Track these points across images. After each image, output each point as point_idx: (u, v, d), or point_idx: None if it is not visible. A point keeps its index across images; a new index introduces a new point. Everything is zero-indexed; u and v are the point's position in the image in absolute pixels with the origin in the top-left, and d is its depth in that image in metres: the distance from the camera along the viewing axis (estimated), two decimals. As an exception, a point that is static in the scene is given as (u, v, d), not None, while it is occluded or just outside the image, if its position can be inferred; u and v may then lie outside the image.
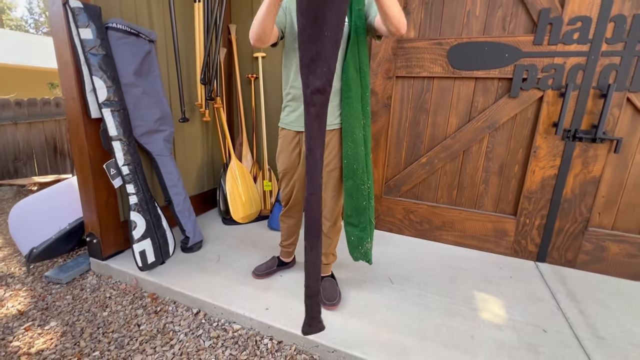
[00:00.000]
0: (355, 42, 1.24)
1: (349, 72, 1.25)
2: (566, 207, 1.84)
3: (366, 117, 1.31)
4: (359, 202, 1.35)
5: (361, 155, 1.30)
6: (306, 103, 1.00)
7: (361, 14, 1.24)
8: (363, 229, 1.39)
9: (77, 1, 1.46)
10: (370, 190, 1.36)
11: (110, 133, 1.59)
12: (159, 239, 1.76)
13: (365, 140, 1.32)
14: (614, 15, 1.59)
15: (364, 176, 1.32)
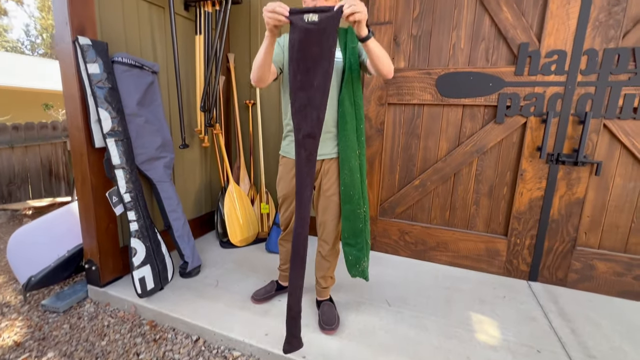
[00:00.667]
0: (349, 78, 1.34)
1: (345, 106, 1.33)
2: (554, 227, 1.92)
3: (361, 147, 1.40)
4: (355, 224, 1.42)
5: (357, 182, 1.38)
6: (298, 145, 1.09)
7: (355, 52, 1.33)
8: (360, 249, 1.45)
9: (86, 38, 1.54)
10: (366, 214, 1.43)
11: (114, 162, 1.64)
12: (158, 265, 1.78)
13: (361, 168, 1.40)
14: (586, 49, 1.73)
15: (360, 201, 1.39)
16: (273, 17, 1.02)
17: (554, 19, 1.76)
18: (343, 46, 1.36)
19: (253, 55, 2.52)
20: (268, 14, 1.03)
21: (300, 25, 1.02)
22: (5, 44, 18.18)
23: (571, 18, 1.73)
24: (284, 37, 1.44)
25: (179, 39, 2.12)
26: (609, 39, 1.69)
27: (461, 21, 1.95)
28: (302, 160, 1.12)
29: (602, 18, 1.68)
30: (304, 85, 1.06)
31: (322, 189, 1.45)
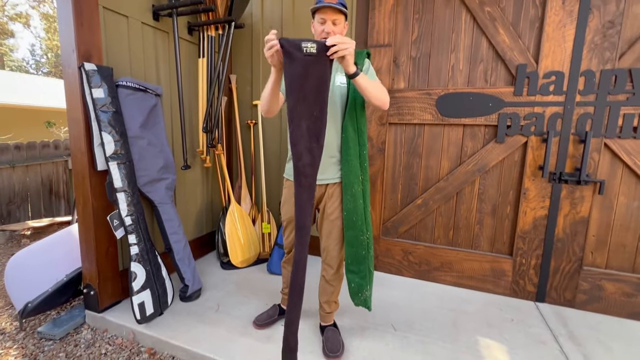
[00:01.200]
0: (353, 104, 1.35)
1: (348, 132, 1.34)
2: (560, 246, 1.90)
3: (364, 173, 1.39)
4: (358, 251, 1.40)
5: (360, 208, 1.37)
6: (297, 172, 1.09)
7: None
8: (363, 277, 1.42)
9: (92, 64, 1.57)
10: (369, 240, 1.41)
11: (116, 185, 1.63)
12: (158, 289, 1.74)
13: (364, 193, 1.39)
14: (583, 70, 1.76)
15: (363, 227, 1.38)
16: (267, 47, 1.06)
17: (550, 41, 1.80)
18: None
19: (255, 76, 2.56)
20: (266, 49, 1.07)
21: (299, 56, 1.04)
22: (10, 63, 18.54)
23: (567, 40, 1.77)
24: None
25: (182, 62, 2.16)
26: (605, 60, 1.72)
27: (459, 44, 1.99)
28: (302, 187, 1.13)
29: (598, 40, 1.72)
30: (303, 115, 1.08)
31: (326, 213, 1.44)
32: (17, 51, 19.42)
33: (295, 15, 2.38)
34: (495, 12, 1.88)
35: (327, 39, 1.04)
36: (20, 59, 20.46)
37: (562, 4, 1.75)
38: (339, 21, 1.30)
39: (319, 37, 1.34)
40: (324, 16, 1.28)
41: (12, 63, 18.84)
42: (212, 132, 2.28)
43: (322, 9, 1.27)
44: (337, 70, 1.39)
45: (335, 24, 1.30)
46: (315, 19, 1.33)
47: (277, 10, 2.42)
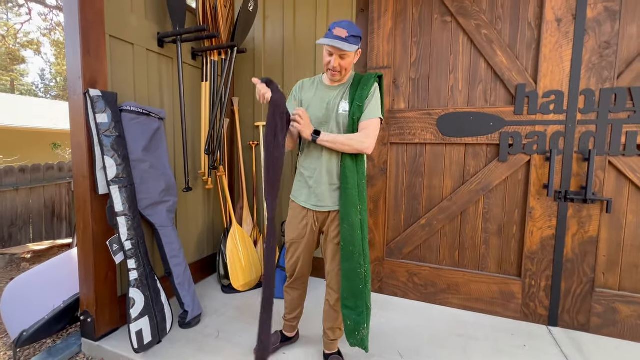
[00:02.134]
0: (352, 133, 1.34)
1: (346, 160, 1.33)
2: (569, 267, 1.84)
3: (362, 203, 1.35)
4: (355, 284, 1.34)
5: (358, 239, 1.32)
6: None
7: (361, 110, 1.35)
8: (360, 313, 1.35)
9: (97, 90, 1.60)
10: (367, 273, 1.35)
11: (117, 209, 1.62)
12: (156, 316, 1.69)
13: (362, 224, 1.34)
14: (582, 89, 1.77)
15: (360, 259, 1.32)
16: (258, 93, 1.27)
17: (547, 62, 1.82)
18: (351, 100, 1.36)
19: (256, 99, 2.60)
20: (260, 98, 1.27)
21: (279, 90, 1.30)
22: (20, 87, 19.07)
23: (565, 61, 1.79)
24: (299, 86, 1.50)
25: (186, 86, 2.20)
26: (604, 79, 1.73)
27: (458, 65, 2.02)
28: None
29: (595, 60, 1.74)
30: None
31: (330, 237, 1.42)
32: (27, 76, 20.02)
33: (296, 40, 2.44)
34: (491, 34, 1.91)
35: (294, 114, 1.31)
36: (30, 83, 21.07)
37: (558, 25, 1.79)
38: (347, 56, 1.29)
39: (325, 67, 1.36)
40: (330, 50, 1.29)
41: (22, 87, 19.39)
42: (215, 153, 2.29)
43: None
44: (342, 98, 1.38)
45: (343, 58, 1.30)
46: (324, 47, 1.33)
47: (279, 35, 2.49)
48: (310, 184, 1.42)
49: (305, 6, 2.39)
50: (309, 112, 1.42)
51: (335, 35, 1.25)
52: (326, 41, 1.25)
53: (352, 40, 1.26)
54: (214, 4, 2.18)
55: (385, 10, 2.13)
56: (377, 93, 1.39)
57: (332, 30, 1.26)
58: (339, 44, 1.24)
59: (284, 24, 2.47)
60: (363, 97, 1.34)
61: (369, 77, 1.39)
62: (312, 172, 1.42)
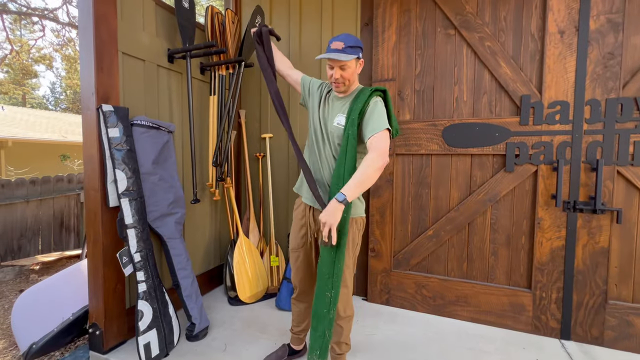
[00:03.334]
0: (345, 150, 1.30)
1: (334, 178, 1.31)
2: (580, 279, 1.81)
3: (343, 224, 1.26)
4: (319, 306, 1.30)
5: (329, 260, 1.27)
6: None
7: (354, 124, 1.30)
8: (318, 337, 1.30)
9: (109, 105, 1.64)
10: (332, 299, 1.27)
11: (126, 221, 1.64)
12: (164, 328, 1.69)
13: (338, 248, 1.27)
14: (588, 99, 1.78)
15: (329, 283, 1.27)
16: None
17: (551, 73, 1.83)
18: (348, 114, 1.35)
19: (263, 111, 2.65)
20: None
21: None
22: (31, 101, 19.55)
23: (569, 71, 1.80)
24: (310, 81, 1.58)
25: (194, 99, 2.25)
26: (609, 89, 1.74)
27: (462, 77, 2.04)
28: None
29: (600, 71, 1.75)
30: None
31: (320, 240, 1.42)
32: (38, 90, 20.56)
33: (301, 55, 2.49)
34: (495, 46, 1.94)
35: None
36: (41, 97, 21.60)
37: (561, 37, 1.81)
38: (347, 66, 1.32)
39: (329, 79, 1.39)
40: (331, 63, 1.33)
41: (33, 100, 19.88)
42: (222, 165, 2.32)
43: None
44: (340, 111, 1.39)
45: (344, 69, 1.32)
46: (326, 62, 1.38)
47: (284, 49, 2.54)
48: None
49: (311, 22, 2.44)
50: (311, 117, 1.49)
51: (332, 49, 1.31)
52: (323, 55, 1.32)
53: (349, 51, 1.29)
54: (222, 21, 2.25)
55: (389, 24, 2.17)
56: (378, 107, 1.34)
57: (330, 45, 1.33)
58: (335, 55, 1.28)
59: (289, 39, 2.52)
60: (357, 111, 1.31)
61: (365, 91, 1.37)
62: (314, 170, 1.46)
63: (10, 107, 12.00)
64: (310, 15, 2.45)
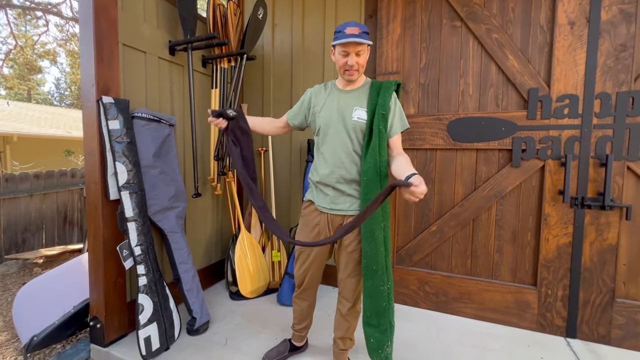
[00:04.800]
0: (377, 145, 1.27)
1: (369, 175, 1.27)
2: (588, 276, 1.78)
3: (386, 219, 1.31)
4: (378, 303, 1.30)
5: (381, 257, 1.28)
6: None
7: (385, 119, 1.29)
8: (383, 331, 1.31)
9: (109, 97, 1.62)
10: (390, 291, 1.32)
11: (127, 214, 1.63)
12: (165, 322, 1.68)
13: (385, 240, 1.30)
14: (598, 92, 1.73)
15: (384, 277, 1.29)
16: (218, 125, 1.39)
17: (560, 65, 1.79)
18: (371, 108, 1.31)
19: (265, 105, 2.62)
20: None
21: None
22: (36, 96, 19.65)
23: (579, 64, 1.75)
24: (314, 92, 1.48)
25: (196, 93, 2.23)
26: (620, 82, 1.69)
27: (468, 69, 2.00)
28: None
29: (611, 63, 1.70)
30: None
31: (344, 244, 1.39)
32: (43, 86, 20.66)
33: (304, 47, 2.45)
34: (502, 38, 1.89)
35: (414, 184, 1.02)
36: (46, 92, 21.70)
37: (571, 28, 1.76)
38: (362, 51, 1.28)
39: (341, 69, 1.33)
40: (346, 49, 1.27)
41: (38, 96, 19.99)
42: (224, 159, 2.30)
43: (344, 43, 1.25)
44: (358, 104, 1.34)
45: (359, 55, 1.28)
46: (337, 50, 1.30)
47: (287, 42, 2.51)
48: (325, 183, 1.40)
49: (314, 14, 2.40)
50: (320, 116, 1.40)
51: (349, 34, 1.25)
52: (345, 40, 1.24)
53: (365, 36, 1.27)
54: (224, 12, 2.22)
55: (394, 16, 2.13)
56: (399, 104, 1.37)
57: (344, 31, 1.26)
58: (358, 39, 1.24)
59: (292, 32, 2.49)
60: (386, 106, 1.30)
61: (389, 84, 1.35)
62: (328, 173, 1.38)
63: (15, 103, 12.07)
64: (313, 7, 2.41)
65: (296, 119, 1.51)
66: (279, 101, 2.57)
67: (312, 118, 1.45)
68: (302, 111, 1.49)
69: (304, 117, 1.49)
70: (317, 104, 1.43)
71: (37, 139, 9.80)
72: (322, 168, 1.38)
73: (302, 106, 1.50)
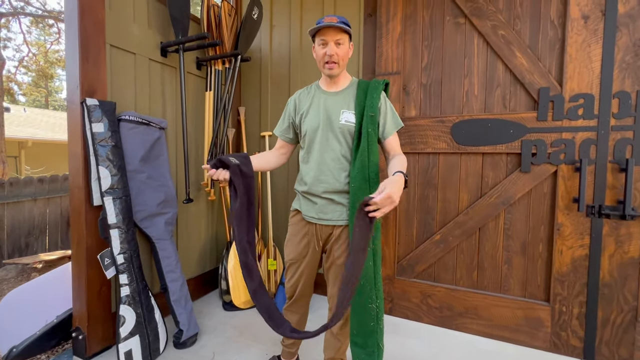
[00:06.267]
0: (365, 149, 1.20)
1: (357, 181, 1.19)
2: (607, 292, 1.62)
3: (376, 230, 1.21)
4: (365, 322, 1.20)
5: (369, 271, 1.18)
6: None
7: (374, 121, 1.21)
8: (370, 353, 1.20)
9: (94, 99, 1.57)
10: (379, 310, 1.21)
11: (110, 221, 1.56)
12: (148, 335, 1.60)
13: (375, 254, 1.20)
14: (616, 91, 1.58)
15: (372, 294, 1.19)
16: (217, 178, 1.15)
17: (574, 63, 1.65)
18: (359, 110, 1.23)
19: (263, 108, 2.54)
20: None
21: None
22: (54, 103, 20.21)
23: (594, 61, 1.62)
24: (296, 100, 1.39)
25: (190, 96, 2.17)
26: (641, 80, 1.54)
27: (472, 69, 1.88)
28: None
29: (630, 60, 1.56)
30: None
31: (333, 256, 1.28)
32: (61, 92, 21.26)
33: (302, 48, 2.38)
34: (509, 35, 1.77)
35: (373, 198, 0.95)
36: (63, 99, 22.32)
37: (585, 23, 1.63)
38: (342, 41, 1.20)
39: (321, 61, 1.24)
40: (324, 37, 1.19)
41: (55, 102, 20.57)
42: (217, 164, 2.23)
43: (323, 30, 1.18)
44: (345, 107, 1.26)
45: (339, 44, 1.20)
46: (316, 42, 1.23)
47: (285, 43, 2.43)
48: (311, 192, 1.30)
49: (312, 13, 2.33)
50: (306, 121, 1.30)
51: (326, 22, 1.17)
52: (322, 24, 1.16)
53: (343, 25, 1.18)
54: (218, 13, 2.16)
55: (394, 14, 2.03)
56: (389, 103, 1.29)
57: (322, 21, 1.18)
58: (334, 24, 1.15)
59: (290, 32, 2.41)
60: (375, 107, 1.22)
61: (376, 83, 1.27)
62: (314, 181, 1.29)
63: (32, 109, 12.41)
64: (311, 6, 2.33)
65: (288, 132, 1.41)
66: (276, 103, 2.49)
67: (299, 125, 1.36)
68: (289, 122, 1.40)
69: (294, 128, 1.40)
70: (302, 109, 1.34)
71: (51, 144, 10.03)
72: (309, 177, 1.28)
73: (288, 117, 1.40)
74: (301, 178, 1.34)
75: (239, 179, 1.14)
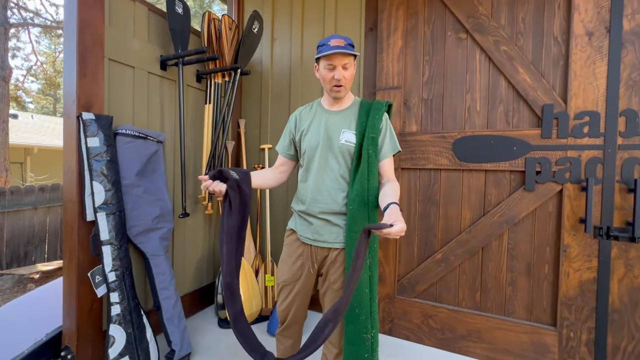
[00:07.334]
0: (365, 171, 1.17)
1: (355, 204, 1.15)
2: (617, 318, 1.54)
3: (373, 256, 1.17)
4: (359, 353, 1.14)
5: (365, 299, 1.14)
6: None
7: (375, 143, 1.19)
8: None
9: (90, 114, 1.55)
10: (374, 340, 1.15)
11: (102, 237, 1.53)
12: (139, 356, 1.55)
13: (371, 281, 1.15)
14: (622, 109, 1.54)
15: (367, 323, 1.14)
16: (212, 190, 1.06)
17: (578, 80, 1.62)
18: (360, 131, 1.21)
19: (263, 121, 2.53)
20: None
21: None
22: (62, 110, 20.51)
23: (599, 78, 1.58)
24: (297, 117, 1.37)
25: (189, 109, 2.16)
26: (649, 98, 1.50)
27: (474, 84, 1.85)
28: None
29: (636, 77, 1.52)
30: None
31: (329, 280, 1.23)
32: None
33: (303, 62, 2.37)
34: (512, 50, 1.74)
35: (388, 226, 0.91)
36: (69, 106, 22.65)
37: (589, 39, 1.59)
38: (349, 65, 1.18)
39: (328, 85, 1.21)
40: (332, 62, 1.16)
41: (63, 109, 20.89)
42: (215, 177, 2.20)
43: (329, 55, 1.15)
44: (346, 127, 1.23)
45: (346, 68, 1.18)
46: (321, 65, 1.20)
47: (286, 56, 2.43)
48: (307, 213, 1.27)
49: (313, 26, 2.33)
50: (306, 139, 1.28)
51: (334, 46, 1.14)
52: (330, 51, 1.13)
53: (350, 48, 1.16)
54: (218, 27, 2.16)
55: (395, 28, 2.02)
56: (390, 125, 1.27)
57: (328, 44, 1.15)
58: (343, 50, 1.13)
59: (291, 45, 2.41)
60: (376, 128, 1.20)
61: (379, 105, 1.26)
62: (310, 201, 1.26)
63: (39, 116, 12.59)
64: (312, 20, 2.33)
65: (290, 148, 1.39)
66: (277, 116, 2.48)
67: (299, 142, 1.33)
68: (290, 138, 1.37)
69: (294, 144, 1.37)
70: (303, 126, 1.31)
71: (56, 150, 10.12)
72: (306, 196, 1.25)
73: (289, 134, 1.38)
74: (299, 197, 1.31)
75: (236, 195, 1.08)
